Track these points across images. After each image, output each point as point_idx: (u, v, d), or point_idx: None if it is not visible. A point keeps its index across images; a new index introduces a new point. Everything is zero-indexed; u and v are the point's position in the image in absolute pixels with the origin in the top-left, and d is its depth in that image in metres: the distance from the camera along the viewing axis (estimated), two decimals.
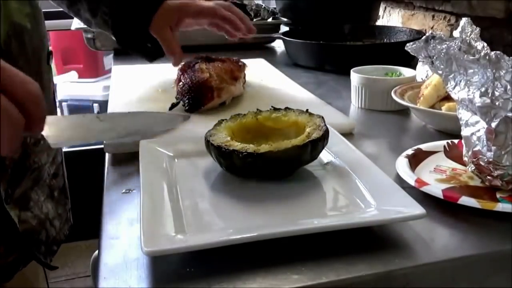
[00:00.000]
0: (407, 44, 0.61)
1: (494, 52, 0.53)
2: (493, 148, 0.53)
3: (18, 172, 0.69)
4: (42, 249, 0.76)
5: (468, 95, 0.54)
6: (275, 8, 1.65)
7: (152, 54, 0.85)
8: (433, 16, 1.41)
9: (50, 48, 0.80)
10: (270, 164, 0.54)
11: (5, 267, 0.72)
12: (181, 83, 0.83)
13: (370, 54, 1.15)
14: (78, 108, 2.35)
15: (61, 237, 0.81)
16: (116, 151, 0.68)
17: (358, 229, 0.47)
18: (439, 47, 0.57)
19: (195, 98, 0.79)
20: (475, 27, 0.58)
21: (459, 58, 0.55)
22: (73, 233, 0.83)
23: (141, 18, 0.81)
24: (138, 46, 0.84)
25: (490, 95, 0.52)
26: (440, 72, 0.58)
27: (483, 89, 0.53)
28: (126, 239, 0.49)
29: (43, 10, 0.76)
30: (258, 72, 1.07)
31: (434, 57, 0.58)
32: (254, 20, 1.57)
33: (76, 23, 1.32)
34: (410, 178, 0.56)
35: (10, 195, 0.68)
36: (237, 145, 0.55)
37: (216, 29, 0.87)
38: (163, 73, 1.01)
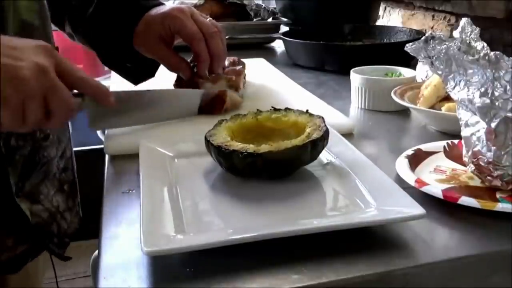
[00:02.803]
0: (407, 45, 0.61)
1: (494, 52, 0.53)
2: (493, 148, 0.53)
3: (28, 166, 0.70)
4: (55, 241, 0.76)
5: (467, 95, 0.54)
6: (275, 8, 1.65)
7: (136, 75, 0.83)
8: (433, 16, 1.41)
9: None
10: (270, 164, 0.54)
11: (14, 259, 0.73)
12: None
13: (370, 54, 1.15)
14: None
15: (72, 230, 0.82)
16: (116, 152, 0.68)
17: (358, 229, 0.47)
18: (438, 47, 0.57)
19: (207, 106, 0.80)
20: (475, 27, 0.58)
21: (458, 58, 0.56)
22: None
23: (122, 31, 0.79)
24: (123, 66, 0.82)
25: (489, 95, 0.52)
26: (439, 72, 0.58)
27: (482, 90, 0.53)
28: (126, 239, 0.49)
29: None
30: (258, 72, 1.07)
31: (434, 58, 0.58)
32: (254, 20, 1.57)
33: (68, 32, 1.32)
34: (410, 178, 0.56)
35: (20, 188, 0.69)
36: (237, 145, 0.55)
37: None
38: (164, 73, 1.01)
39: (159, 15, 0.78)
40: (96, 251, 0.52)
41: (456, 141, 0.66)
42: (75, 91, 0.59)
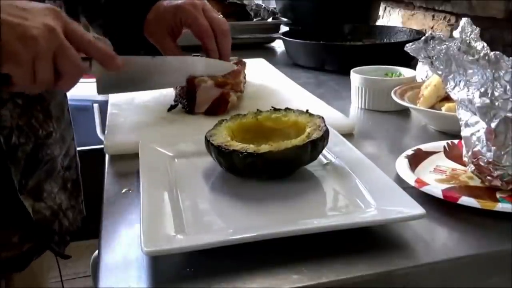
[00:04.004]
0: (407, 45, 0.61)
1: (494, 52, 0.53)
2: (493, 148, 0.53)
3: (31, 164, 0.71)
4: (56, 239, 0.77)
5: (467, 95, 0.54)
6: (275, 8, 1.65)
7: None
8: (433, 16, 1.41)
9: None
10: (270, 164, 0.54)
11: (20, 257, 0.73)
12: (179, 86, 0.83)
13: (370, 54, 1.15)
14: (78, 108, 2.35)
15: (74, 228, 0.82)
16: (116, 152, 0.68)
17: (358, 229, 0.47)
18: (438, 47, 0.57)
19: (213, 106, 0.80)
20: (475, 27, 0.58)
21: (458, 58, 0.56)
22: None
23: (133, 19, 0.81)
24: (137, 54, 0.84)
25: (489, 96, 0.52)
26: (439, 72, 0.58)
27: (482, 90, 0.53)
28: (126, 239, 0.49)
29: None
30: (258, 72, 1.07)
31: (434, 58, 0.58)
32: (254, 20, 1.57)
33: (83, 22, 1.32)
34: (410, 178, 0.56)
35: (23, 185, 0.70)
36: (237, 145, 0.55)
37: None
38: None
39: (172, 6, 0.80)
40: (96, 251, 0.52)
41: (456, 141, 0.66)
42: (83, 55, 0.61)
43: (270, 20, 1.59)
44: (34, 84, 0.56)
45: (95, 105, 2.40)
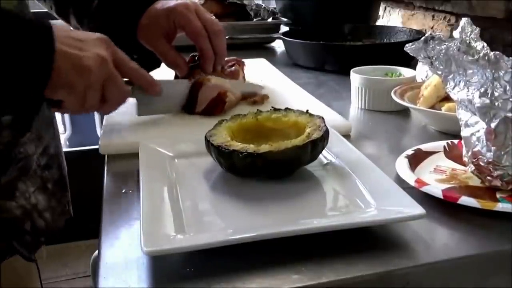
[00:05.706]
0: (407, 45, 0.61)
1: (493, 52, 0.53)
2: (493, 148, 0.53)
3: (2, 162, 0.69)
4: (27, 239, 0.74)
5: (467, 95, 0.54)
6: (275, 8, 1.65)
7: (142, 66, 0.85)
8: (433, 16, 1.41)
9: None
10: (270, 164, 0.54)
11: None
12: None
13: (370, 54, 1.15)
14: None
15: (53, 229, 0.80)
16: (111, 152, 0.68)
17: (358, 229, 0.47)
18: (438, 47, 0.57)
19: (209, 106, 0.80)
20: (475, 27, 0.58)
21: (458, 58, 0.56)
22: (73, 233, 0.82)
23: (126, 24, 0.80)
24: (130, 57, 0.84)
25: (489, 96, 0.52)
26: (439, 72, 0.58)
27: (482, 90, 0.53)
28: (126, 239, 0.49)
29: (34, 11, 0.76)
30: (258, 72, 1.07)
31: (434, 58, 0.58)
32: (254, 20, 1.57)
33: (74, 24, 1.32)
34: (410, 178, 0.56)
35: None
36: (237, 145, 0.55)
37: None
38: (164, 73, 1.01)
39: (165, 9, 0.79)
40: (96, 251, 0.52)
41: (456, 141, 0.66)
42: (125, 79, 0.66)
43: (270, 20, 1.59)
44: (82, 108, 0.59)
45: None
